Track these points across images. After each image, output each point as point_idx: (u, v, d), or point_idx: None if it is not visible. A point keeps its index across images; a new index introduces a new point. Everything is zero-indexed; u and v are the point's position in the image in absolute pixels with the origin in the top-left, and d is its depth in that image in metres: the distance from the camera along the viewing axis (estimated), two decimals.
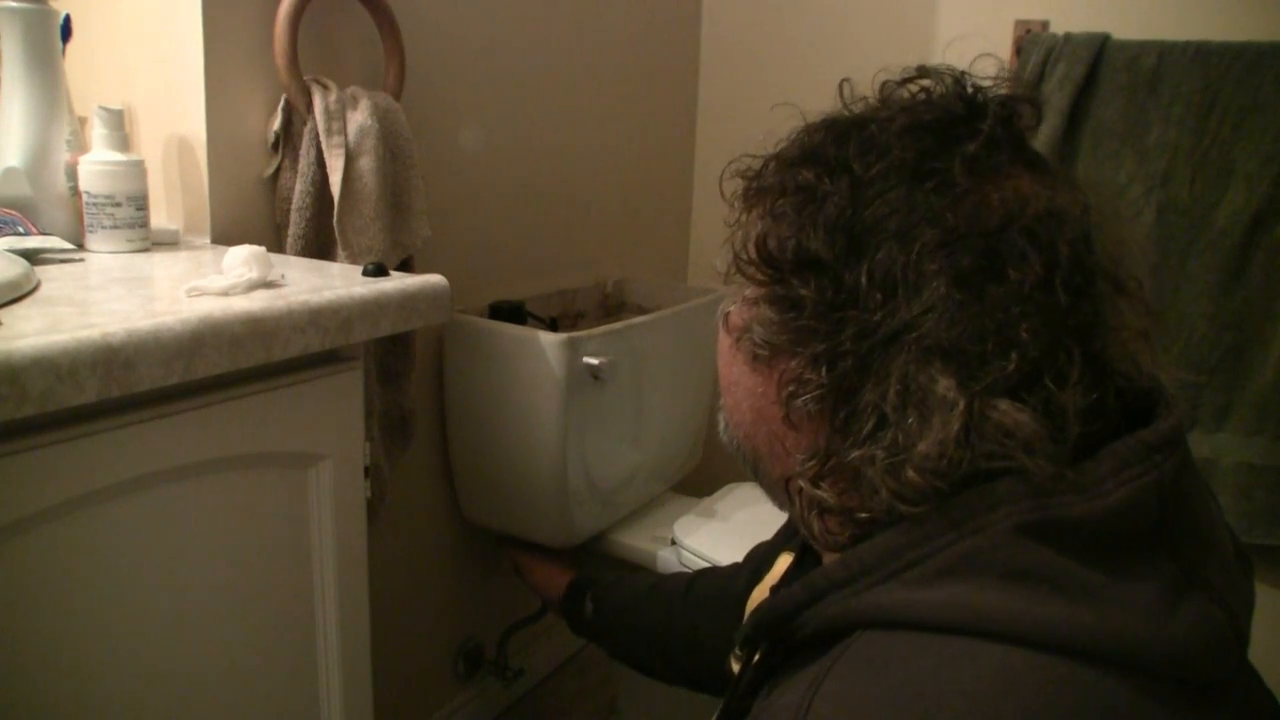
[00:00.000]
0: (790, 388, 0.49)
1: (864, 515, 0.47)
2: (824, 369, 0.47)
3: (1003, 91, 0.50)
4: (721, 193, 0.54)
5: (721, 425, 0.59)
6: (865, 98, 0.52)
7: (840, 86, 0.53)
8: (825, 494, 0.49)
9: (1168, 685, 0.42)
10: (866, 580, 0.45)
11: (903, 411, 0.45)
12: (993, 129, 0.48)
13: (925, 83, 0.51)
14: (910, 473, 0.44)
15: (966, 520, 0.44)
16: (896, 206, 0.46)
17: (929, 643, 0.43)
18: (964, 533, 0.43)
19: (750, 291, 0.52)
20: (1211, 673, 0.43)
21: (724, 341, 0.56)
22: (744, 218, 0.52)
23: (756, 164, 0.53)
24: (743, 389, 0.54)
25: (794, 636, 0.49)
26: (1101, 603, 0.42)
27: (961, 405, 0.43)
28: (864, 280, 0.46)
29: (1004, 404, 0.43)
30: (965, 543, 0.43)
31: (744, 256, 0.51)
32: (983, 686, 0.40)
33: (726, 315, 0.55)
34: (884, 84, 0.52)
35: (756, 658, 0.55)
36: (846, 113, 0.52)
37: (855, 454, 0.46)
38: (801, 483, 0.50)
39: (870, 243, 0.46)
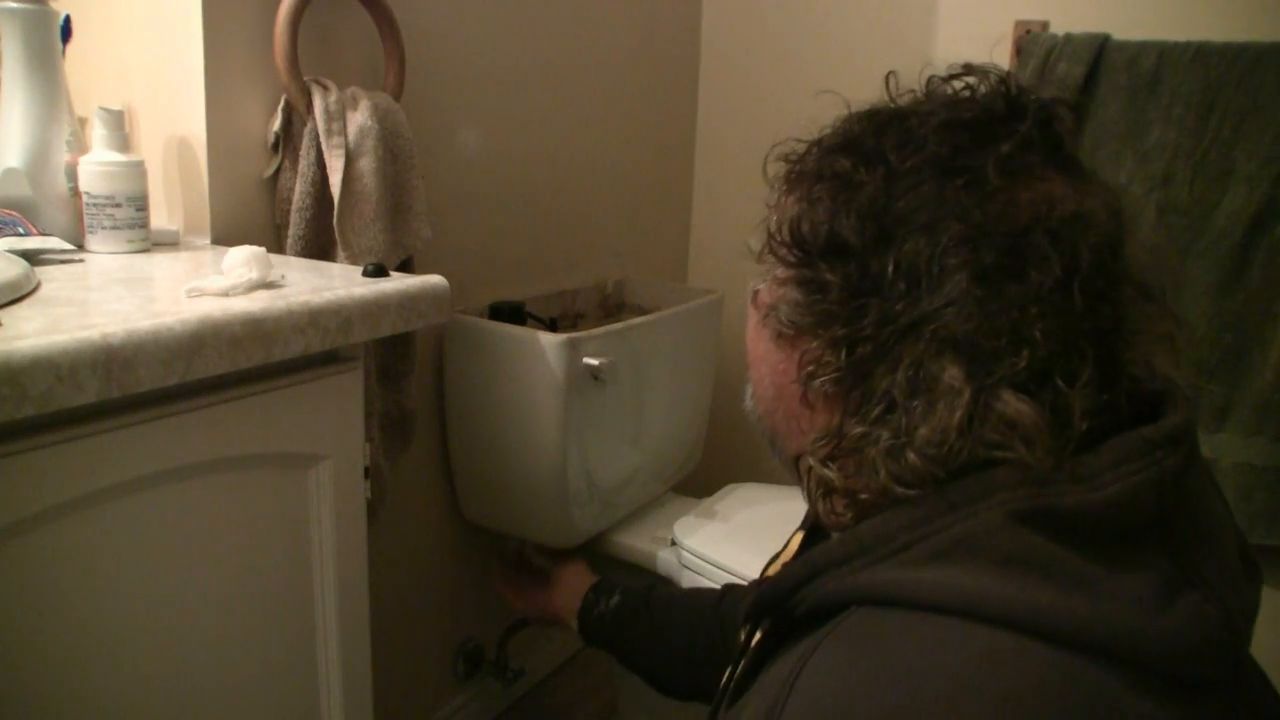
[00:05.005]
0: (809, 368, 0.50)
1: (865, 497, 0.49)
2: (843, 353, 0.48)
3: (1047, 94, 0.51)
4: (765, 174, 0.55)
5: (747, 395, 0.61)
6: (912, 90, 0.53)
7: (886, 79, 0.54)
8: (832, 474, 0.50)
9: (1157, 679, 0.42)
10: (864, 559, 0.46)
11: (910, 397, 0.46)
12: (1029, 130, 0.48)
13: (970, 80, 0.52)
14: (910, 455, 0.45)
15: (963, 505, 0.44)
16: (927, 200, 0.47)
17: (918, 621, 0.43)
18: (960, 517, 0.44)
19: (780, 272, 0.53)
20: (1203, 670, 0.43)
21: (752, 317, 0.57)
22: (782, 200, 0.53)
23: (800, 148, 0.54)
24: (767, 365, 0.56)
25: (793, 613, 0.50)
26: (1092, 593, 0.42)
27: (968, 394, 0.44)
28: (889, 269, 0.47)
29: (1009, 395, 0.44)
30: (960, 527, 0.44)
31: (778, 238, 0.52)
32: (967, 667, 0.41)
33: (756, 293, 0.57)
34: (929, 79, 0.53)
35: (758, 636, 0.56)
36: (890, 104, 0.53)
37: (859, 431, 0.47)
38: (811, 461, 0.51)
39: (898, 233, 0.47)
